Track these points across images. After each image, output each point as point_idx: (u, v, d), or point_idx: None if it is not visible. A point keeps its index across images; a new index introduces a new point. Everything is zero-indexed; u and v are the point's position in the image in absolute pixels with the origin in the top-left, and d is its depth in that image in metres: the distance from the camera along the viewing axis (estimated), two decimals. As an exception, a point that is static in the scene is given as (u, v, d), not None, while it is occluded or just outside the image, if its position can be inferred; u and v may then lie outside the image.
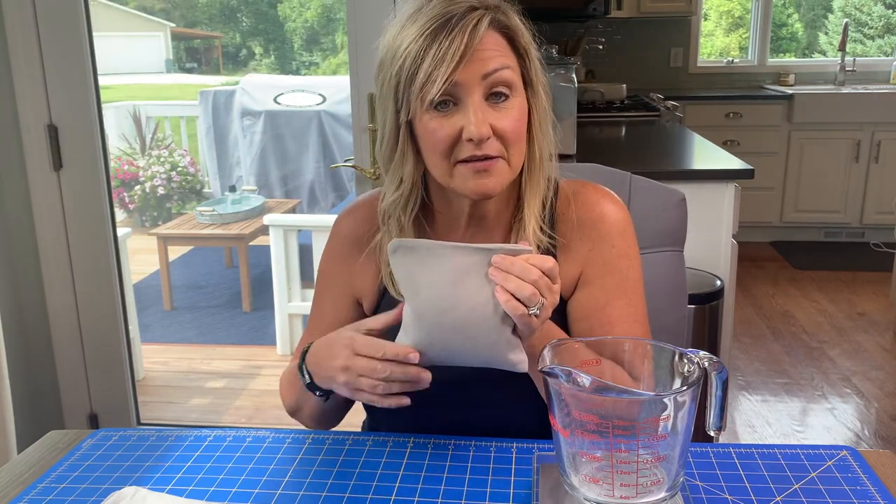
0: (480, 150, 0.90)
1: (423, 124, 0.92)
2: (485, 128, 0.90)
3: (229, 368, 3.31)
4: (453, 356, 0.87)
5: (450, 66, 0.88)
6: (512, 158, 0.94)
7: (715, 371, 0.76)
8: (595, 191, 1.05)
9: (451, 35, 0.88)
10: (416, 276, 0.85)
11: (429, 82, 0.88)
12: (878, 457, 0.92)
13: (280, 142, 5.34)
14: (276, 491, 0.88)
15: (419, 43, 0.89)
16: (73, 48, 2.09)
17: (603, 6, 4.00)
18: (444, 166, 0.93)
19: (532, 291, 0.81)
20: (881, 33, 5.95)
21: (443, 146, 0.92)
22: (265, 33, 8.78)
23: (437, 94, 0.89)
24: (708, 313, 2.01)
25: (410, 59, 0.89)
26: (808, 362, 3.18)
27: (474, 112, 0.90)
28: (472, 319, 0.84)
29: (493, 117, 0.91)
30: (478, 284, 0.83)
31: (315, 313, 1.12)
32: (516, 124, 0.93)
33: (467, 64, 0.89)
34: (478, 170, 0.92)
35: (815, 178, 4.67)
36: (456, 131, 0.91)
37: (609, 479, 0.74)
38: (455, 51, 0.88)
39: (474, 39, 0.89)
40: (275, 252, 3.44)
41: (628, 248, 1.03)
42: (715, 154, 2.51)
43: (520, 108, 0.94)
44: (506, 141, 0.92)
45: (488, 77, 0.90)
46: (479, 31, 0.89)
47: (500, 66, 0.91)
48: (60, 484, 0.91)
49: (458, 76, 0.89)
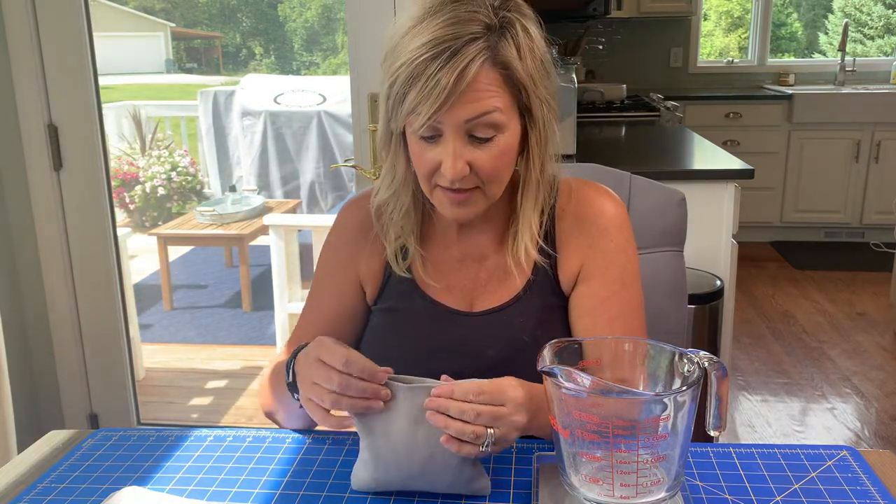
0: (455, 185, 0.92)
1: (411, 142, 0.95)
2: (460, 167, 0.90)
3: (229, 368, 3.31)
4: (413, 487, 0.85)
5: (433, 106, 0.87)
6: (489, 189, 0.95)
7: (715, 371, 0.76)
8: (593, 188, 1.07)
9: (440, 72, 0.86)
10: (371, 418, 0.82)
11: (413, 114, 0.89)
12: (878, 457, 0.92)
13: (280, 142, 5.34)
14: (276, 491, 0.88)
15: (412, 68, 0.88)
16: (73, 48, 2.09)
17: (603, 6, 4.00)
18: (426, 186, 0.96)
19: (474, 430, 0.79)
20: (881, 33, 5.96)
21: (424, 170, 0.94)
22: (265, 33, 8.79)
23: (420, 128, 0.90)
24: (708, 313, 2.01)
25: (401, 81, 0.89)
26: (808, 362, 3.18)
27: (452, 155, 0.90)
28: (431, 464, 0.82)
29: (474, 155, 0.91)
30: (434, 427, 0.80)
31: (313, 300, 1.11)
32: (496, 162, 0.93)
33: (452, 106, 0.88)
34: (454, 201, 0.94)
35: (815, 178, 4.67)
36: (436, 163, 0.92)
37: (609, 479, 0.74)
38: (440, 91, 0.86)
39: (462, 82, 0.87)
40: (275, 252, 3.43)
41: (627, 243, 1.04)
42: (715, 154, 2.51)
43: (505, 145, 0.93)
44: (483, 177, 0.93)
45: (472, 121, 0.90)
46: (468, 72, 0.87)
47: (487, 111, 0.90)
48: (60, 484, 0.91)
49: (441, 116, 0.89)
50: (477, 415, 0.79)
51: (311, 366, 0.85)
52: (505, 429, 0.81)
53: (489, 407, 0.80)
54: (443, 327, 1.04)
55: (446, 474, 0.83)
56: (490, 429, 0.80)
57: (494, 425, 0.80)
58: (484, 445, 0.80)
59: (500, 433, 0.81)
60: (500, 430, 0.81)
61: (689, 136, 2.93)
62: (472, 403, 0.79)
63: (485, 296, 1.05)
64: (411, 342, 1.05)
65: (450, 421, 0.79)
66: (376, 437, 0.83)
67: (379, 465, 0.83)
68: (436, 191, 0.95)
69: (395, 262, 1.04)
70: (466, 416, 0.79)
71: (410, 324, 1.05)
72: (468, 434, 0.79)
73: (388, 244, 1.05)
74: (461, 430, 0.79)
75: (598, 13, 4.08)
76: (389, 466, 0.83)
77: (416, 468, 0.82)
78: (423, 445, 0.81)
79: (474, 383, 0.81)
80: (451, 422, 0.79)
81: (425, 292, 1.05)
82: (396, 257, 1.04)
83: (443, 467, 0.82)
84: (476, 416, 0.79)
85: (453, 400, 0.79)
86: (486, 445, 0.80)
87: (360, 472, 0.86)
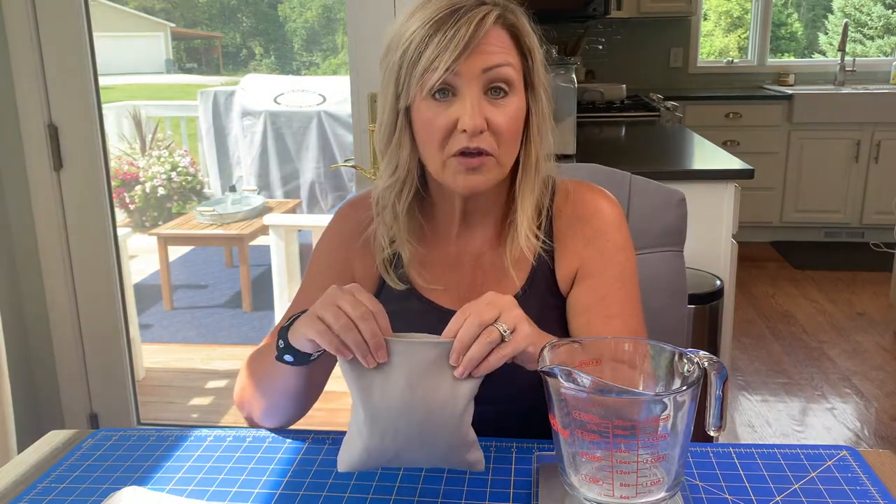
0: (473, 143, 0.91)
1: (420, 112, 0.93)
2: (479, 120, 0.90)
3: (229, 368, 3.31)
4: (408, 458, 0.83)
5: (452, 55, 0.88)
6: (502, 157, 0.94)
7: (715, 371, 0.76)
8: (589, 188, 1.07)
9: (456, 25, 0.89)
10: (369, 376, 0.80)
11: (430, 69, 0.89)
12: (877, 457, 0.92)
13: (280, 142, 5.34)
14: (276, 491, 0.88)
15: (424, 30, 0.90)
16: (73, 48, 2.09)
17: (603, 6, 4.00)
18: (438, 158, 0.94)
19: (488, 336, 0.78)
20: (881, 33, 5.96)
21: (438, 136, 0.93)
22: (265, 33, 8.79)
23: (438, 81, 0.90)
24: (708, 313, 2.01)
25: (414, 44, 0.90)
26: (808, 362, 3.18)
27: (471, 104, 0.91)
28: (429, 423, 0.80)
29: (490, 112, 0.92)
30: (434, 384, 0.79)
31: (302, 298, 1.08)
32: (511, 121, 0.94)
33: (470, 55, 0.90)
34: (468, 166, 0.93)
35: (815, 178, 4.67)
36: (451, 122, 0.92)
37: (609, 479, 0.74)
38: (459, 41, 0.88)
39: (479, 32, 0.89)
40: (275, 252, 3.44)
41: (624, 242, 1.04)
42: (715, 154, 2.51)
43: (517, 107, 0.94)
44: (499, 137, 0.93)
45: (489, 71, 0.91)
46: (485, 24, 0.90)
47: (502, 63, 0.92)
48: (60, 484, 0.91)
49: (460, 67, 0.90)
50: (481, 321, 0.79)
51: (342, 292, 0.82)
52: (507, 313, 0.80)
53: (483, 304, 0.81)
54: (439, 328, 1.02)
55: (444, 437, 0.81)
56: (498, 323, 0.79)
57: (496, 317, 0.80)
58: (506, 338, 0.79)
59: (505, 318, 0.80)
60: (504, 315, 0.80)
61: (689, 136, 2.93)
62: (471, 317, 0.79)
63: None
64: None
65: (472, 354, 0.78)
66: (373, 393, 0.80)
67: (375, 429, 0.80)
68: (448, 161, 0.94)
69: (387, 274, 1.03)
70: (473, 331, 0.78)
71: (407, 325, 1.04)
72: (485, 343, 0.78)
73: (378, 255, 1.04)
74: (481, 345, 0.78)
75: (598, 13, 4.08)
76: (386, 429, 0.80)
77: (413, 429, 0.80)
78: (421, 404, 0.79)
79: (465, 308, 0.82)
80: (472, 354, 0.78)
81: (422, 293, 1.05)
82: (387, 269, 1.03)
83: (441, 428, 0.80)
84: (478, 322, 0.78)
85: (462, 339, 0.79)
86: (508, 338, 0.79)
87: (349, 445, 0.83)
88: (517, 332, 0.80)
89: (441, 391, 0.79)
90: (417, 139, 0.96)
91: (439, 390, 0.79)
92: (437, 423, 0.80)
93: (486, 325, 0.79)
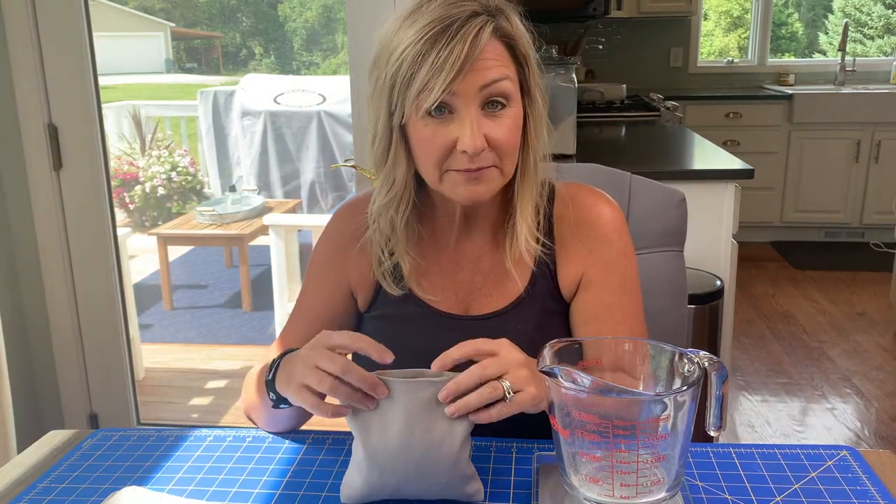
0: (474, 163, 0.90)
1: (416, 130, 0.91)
2: (480, 140, 0.89)
3: (229, 368, 3.31)
4: (408, 491, 0.84)
5: (448, 76, 0.86)
6: (505, 167, 0.94)
7: (715, 371, 0.76)
8: (590, 193, 1.06)
9: (451, 42, 0.86)
10: (367, 417, 0.81)
11: (425, 90, 0.87)
12: (878, 457, 0.92)
13: (280, 142, 5.34)
14: (276, 491, 0.88)
15: (417, 47, 0.87)
16: (73, 48, 2.09)
17: (603, 6, 4.00)
18: (436, 174, 0.93)
19: (490, 391, 0.80)
20: (881, 33, 5.96)
21: (436, 155, 0.91)
22: (265, 33, 8.79)
23: (434, 103, 0.88)
24: (708, 313, 2.01)
25: (407, 63, 0.88)
26: (808, 362, 3.18)
27: (470, 125, 0.89)
28: (427, 460, 0.81)
29: (488, 127, 0.90)
30: (431, 422, 0.80)
31: (302, 303, 1.09)
32: (511, 134, 0.92)
33: (466, 74, 0.87)
34: (469, 177, 0.92)
35: (815, 178, 4.67)
36: (450, 141, 0.90)
37: (609, 479, 0.74)
38: (454, 60, 0.86)
39: (475, 49, 0.87)
40: (275, 252, 3.44)
41: (626, 248, 1.04)
42: (715, 154, 2.51)
43: (515, 118, 0.93)
44: (499, 150, 0.92)
45: (486, 88, 0.89)
46: (480, 41, 0.87)
47: (499, 77, 0.90)
48: (60, 484, 0.91)
49: (456, 86, 0.87)
50: (482, 375, 0.80)
51: (316, 350, 0.83)
52: (514, 372, 0.82)
53: (489, 359, 0.82)
54: (438, 332, 1.02)
55: (442, 473, 0.82)
56: (503, 380, 0.81)
57: (502, 373, 0.81)
58: (508, 398, 0.80)
59: (511, 378, 0.81)
60: (510, 375, 0.81)
61: (689, 136, 2.93)
62: (473, 371, 0.81)
63: (481, 300, 1.04)
64: (405, 348, 1.04)
65: (468, 400, 0.79)
66: (371, 433, 0.81)
67: (374, 466, 0.82)
68: (447, 174, 0.93)
69: (385, 281, 1.03)
70: (474, 381, 0.80)
71: (405, 329, 1.04)
72: (486, 396, 0.80)
73: (375, 262, 1.03)
74: (481, 396, 0.79)
75: (598, 13, 4.08)
76: (385, 466, 0.81)
77: (411, 467, 0.81)
78: (419, 442, 0.80)
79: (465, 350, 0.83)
80: (469, 400, 0.79)
81: (420, 298, 1.04)
82: (386, 278, 1.03)
83: (438, 466, 0.81)
84: (481, 376, 0.80)
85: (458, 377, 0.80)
86: (510, 396, 0.81)
87: (351, 480, 0.84)
88: (523, 394, 0.82)
89: (438, 429, 0.80)
90: (414, 155, 0.94)
91: (436, 428, 0.80)
92: (434, 459, 0.81)
93: (487, 379, 0.81)
